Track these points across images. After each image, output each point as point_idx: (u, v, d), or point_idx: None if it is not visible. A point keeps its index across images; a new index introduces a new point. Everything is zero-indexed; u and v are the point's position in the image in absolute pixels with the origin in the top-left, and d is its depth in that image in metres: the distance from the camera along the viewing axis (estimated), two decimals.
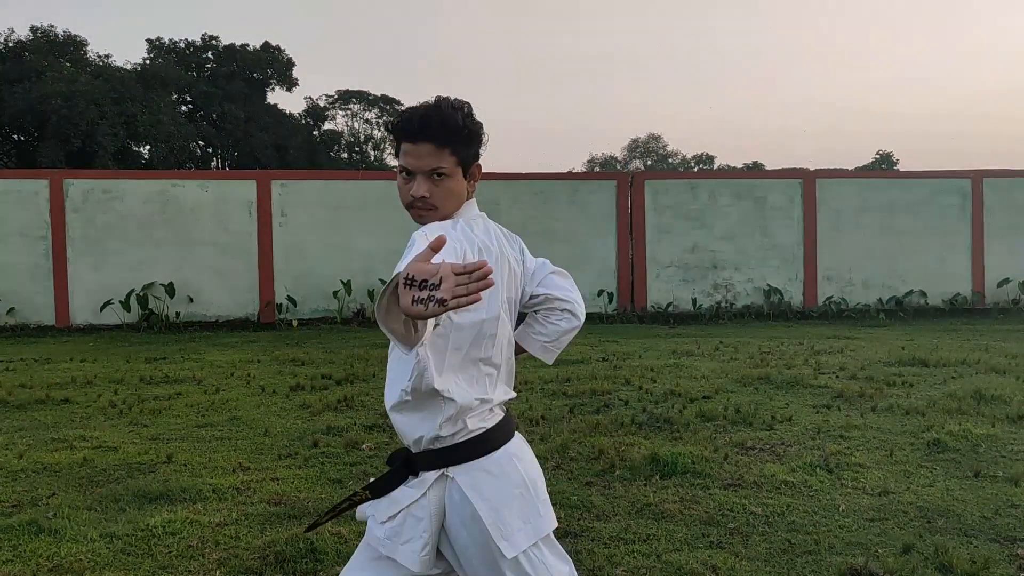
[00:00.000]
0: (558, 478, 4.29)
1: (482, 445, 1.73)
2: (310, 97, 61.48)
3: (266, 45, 45.12)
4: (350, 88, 54.76)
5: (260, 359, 8.74)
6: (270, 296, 12.67)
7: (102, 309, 12.10)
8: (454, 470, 1.72)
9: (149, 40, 43.64)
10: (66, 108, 30.92)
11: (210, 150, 44.33)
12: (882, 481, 4.20)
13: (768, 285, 13.61)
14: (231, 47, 44.35)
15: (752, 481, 4.20)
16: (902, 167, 58.92)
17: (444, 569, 1.80)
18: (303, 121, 50.14)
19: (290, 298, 12.65)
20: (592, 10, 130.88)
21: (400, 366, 1.69)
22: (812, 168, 14.74)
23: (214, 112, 42.84)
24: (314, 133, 50.92)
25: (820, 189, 13.81)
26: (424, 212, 1.77)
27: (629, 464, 4.47)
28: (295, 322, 12.38)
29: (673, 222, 13.63)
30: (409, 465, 1.74)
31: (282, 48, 45.71)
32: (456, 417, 1.69)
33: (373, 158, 53.74)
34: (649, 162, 70.10)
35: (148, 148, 36.51)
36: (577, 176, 18.48)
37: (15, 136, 35.87)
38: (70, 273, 12.21)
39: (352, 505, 1.80)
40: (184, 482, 4.22)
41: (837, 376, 7.21)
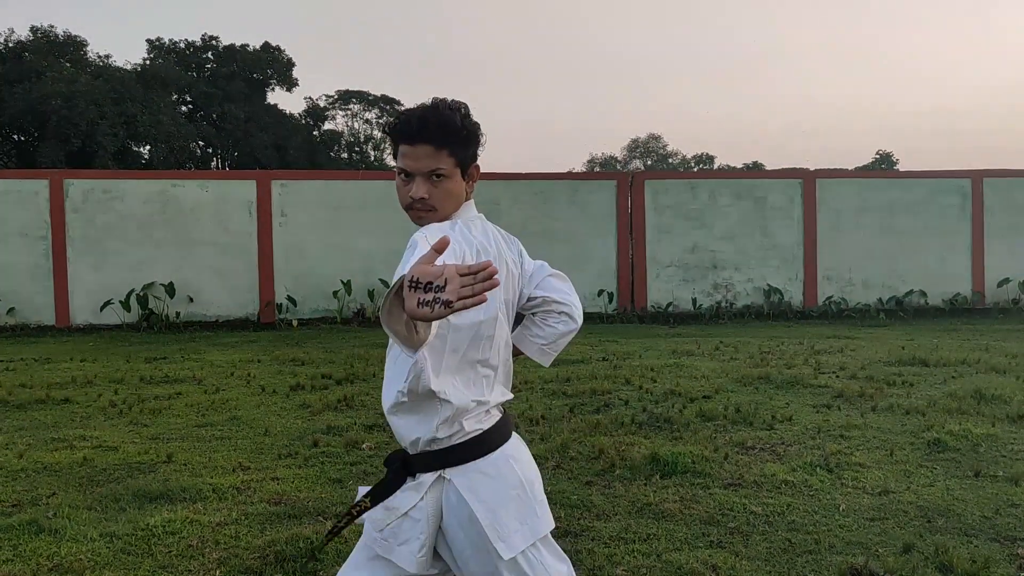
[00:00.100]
0: (558, 478, 4.29)
1: (479, 447, 1.73)
2: (310, 97, 61.65)
3: (266, 45, 45.16)
4: (350, 88, 54.86)
5: (260, 359, 8.74)
6: (270, 296, 12.67)
7: (102, 309, 12.10)
8: (451, 472, 1.72)
9: (149, 40, 43.77)
10: (66, 108, 30.93)
11: (210, 150, 44.34)
12: (882, 481, 4.20)
13: (768, 285, 13.61)
14: (231, 47, 44.38)
15: (752, 481, 4.20)
16: (902, 167, 59.02)
17: (441, 569, 1.80)
18: (303, 121, 50.15)
19: (290, 298, 12.65)
20: (592, 10, 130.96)
21: (397, 367, 1.68)
22: (812, 168, 14.74)
23: (214, 112, 42.86)
24: (314, 133, 50.93)
25: (820, 189, 13.82)
26: (423, 213, 1.77)
27: (629, 464, 4.47)
28: (295, 322, 12.38)
29: (673, 222, 13.64)
30: (407, 467, 1.74)
31: (282, 48, 45.82)
32: (452, 419, 1.69)
33: (373, 158, 53.74)
34: (649, 162, 70.10)
35: (148, 148, 36.53)
36: (577, 176, 18.46)
37: (15, 136, 35.87)
38: (70, 273, 12.22)
39: (353, 518, 1.79)
40: (184, 482, 4.22)
41: (837, 376, 7.21)
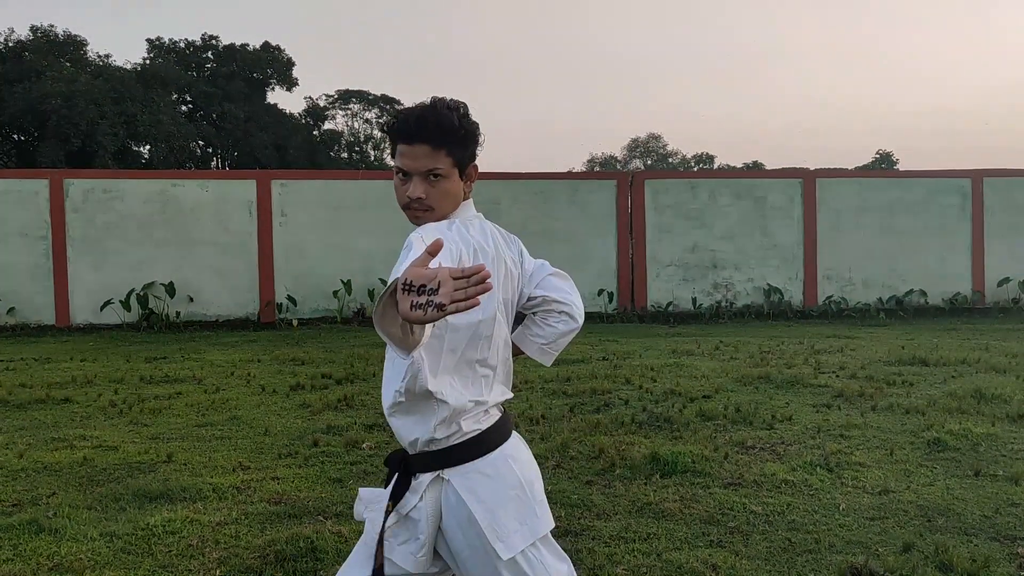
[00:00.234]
0: (558, 477, 4.30)
1: (477, 447, 1.73)
2: (310, 97, 61.57)
3: (266, 45, 45.16)
4: (350, 88, 54.87)
5: (260, 359, 8.74)
6: (270, 296, 12.67)
7: (102, 309, 12.10)
8: (449, 472, 1.72)
9: (149, 40, 43.73)
10: (66, 108, 30.92)
11: (210, 150, 44.34)
12: (882, 480, 4.20)
13: (768, 284, 13.61)
14: (231, 47, 44.38)
15: (752, 480, 4.21)
16: (902, 167, 59.00)
17: (441, 568, 1.80)
18: (303, 121, 50.16)
19: (290, 298, 12.65)
20: (592, 10, 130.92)
21: (395, 367, 1.69)
22: (812, 168, 14.74)
23: (214, 112, 42.85)
24: (314, 133, 50.93)
25: (820, 189, 13.81)
26: (420, 213, 1.77)
27: (629, 463, 4.47)
28: (295, 322, 12.38)
29: (673, 222, 13.63)
30: (407, 467, 1.74)
31: (282, 48, 45.83)
32: (450, 419, 1.69)
33: (373, 158, 53.74)
34: (649, 162, 70.10)
35: (148, 148, 36.52)
36: (577, 176, 18.45)
37: (15, 136, 35.88)
38: (70, 273, 12.21)
39: (383, 531, 1.73)
40: (184, 481, 4.22)
41: (837, 375, 7.21)
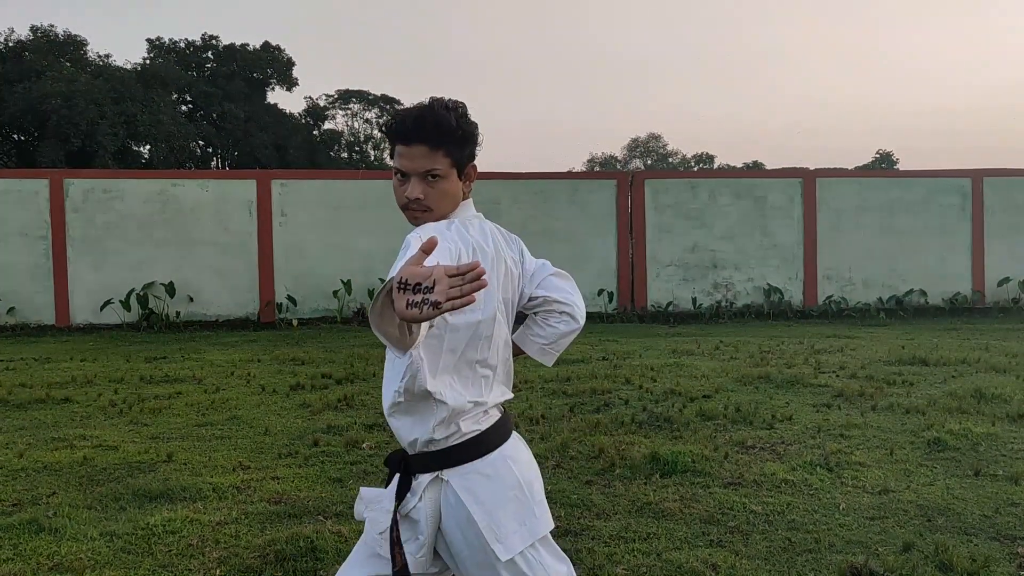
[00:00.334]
0: (558, 477, 4.30)
1: (476, 448, 1.73)
2: (310, 97, 61.61)
3: (266, 45, 45.16)
4: (350, 88, 54.90)
5: (260, 358, 8.74)
6: (270, 296, 12.67)
7: (102, 309, 12.10)
8: (448, 473, 1.71)
9: (149, 40, 43.74)
10: (66, 108, 30.93)
11: (210, 150, 44.35)
12: (882, 480, 4.20)
13: (768, 284, 13.60)
14: (231, 47, 44.38)
15: (752, 480, 4.21)
16: (902, 166, 58.96)
17: (441, 568, 1.80)
18: (303, 121, 50.16)
19: (290, 297, 12.65)
20: (592, 10, 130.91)
21: (395, 367, 1.69)
22: (812, 167, 14.73)
23: (214, 112, 42.86)
24: (314, 133, 50.94)
25: (820, 189, 13.81)
26: (419, 214, 1.77)
27: (629, 463, 4.47)
28: (295, 322, 12.38)
29: (673, 221, 13.63)
30: (406, 467, 1.74)
31: (282, 48, 45.82)
32: (449, 420, 1.69)
33: (373, 158, 53.75)
34: (649, 162, 70.10)
35: (148, 148, 36.53)
36: (577, 176, 18.44)
37: (15, 136, 35.88)
38: (70, 273, 12.21)
39: (399, 535, 1.73)
40: (184, 481, 4.22)
41: (837, 375, 7.21)
